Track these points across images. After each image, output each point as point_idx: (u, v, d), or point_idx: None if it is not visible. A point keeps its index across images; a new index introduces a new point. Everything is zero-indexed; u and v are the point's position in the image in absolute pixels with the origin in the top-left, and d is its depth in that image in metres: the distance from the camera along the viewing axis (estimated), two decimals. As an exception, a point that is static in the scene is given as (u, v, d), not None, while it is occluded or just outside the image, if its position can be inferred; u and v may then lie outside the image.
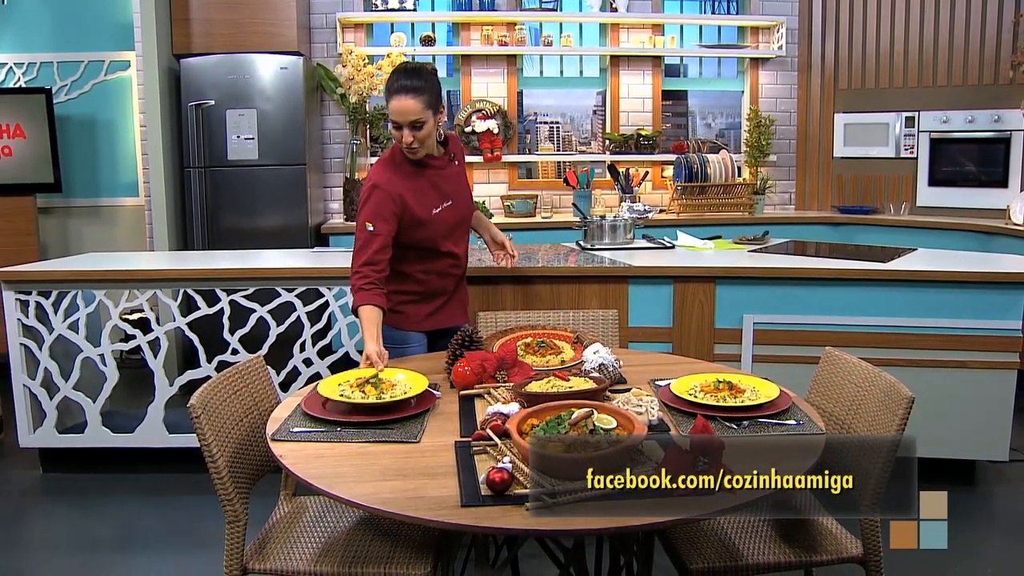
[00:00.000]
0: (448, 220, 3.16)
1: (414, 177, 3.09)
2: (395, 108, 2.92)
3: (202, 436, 2.24)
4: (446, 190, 3.15)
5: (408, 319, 3.21)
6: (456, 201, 3.19)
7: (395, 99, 2.92)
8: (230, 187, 5.75)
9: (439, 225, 3.13)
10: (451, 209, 3.17)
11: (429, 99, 2.93)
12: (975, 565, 3.33)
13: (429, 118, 2.96)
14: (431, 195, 3.10)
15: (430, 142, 3.04)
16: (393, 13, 6.41)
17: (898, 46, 6.42)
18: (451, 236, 3.20)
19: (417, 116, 2.92)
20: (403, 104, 2.90)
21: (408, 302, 3.20)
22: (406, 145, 2.99)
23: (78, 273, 4.18)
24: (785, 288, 4.00)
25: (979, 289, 3.87)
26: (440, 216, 3.13)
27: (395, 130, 2.98)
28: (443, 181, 3.16)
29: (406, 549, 2.30)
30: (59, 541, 3.70)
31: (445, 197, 3.14)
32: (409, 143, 2.97)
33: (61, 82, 6.46)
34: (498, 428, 2.10)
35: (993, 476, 4.17)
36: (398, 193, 3.02)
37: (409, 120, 2.92)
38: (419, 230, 3.09)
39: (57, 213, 6.60)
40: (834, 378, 2.67)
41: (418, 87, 2.91)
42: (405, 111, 2.91)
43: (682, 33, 6.80)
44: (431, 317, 3.26)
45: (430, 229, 3.11)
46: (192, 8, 5.73)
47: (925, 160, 6.38)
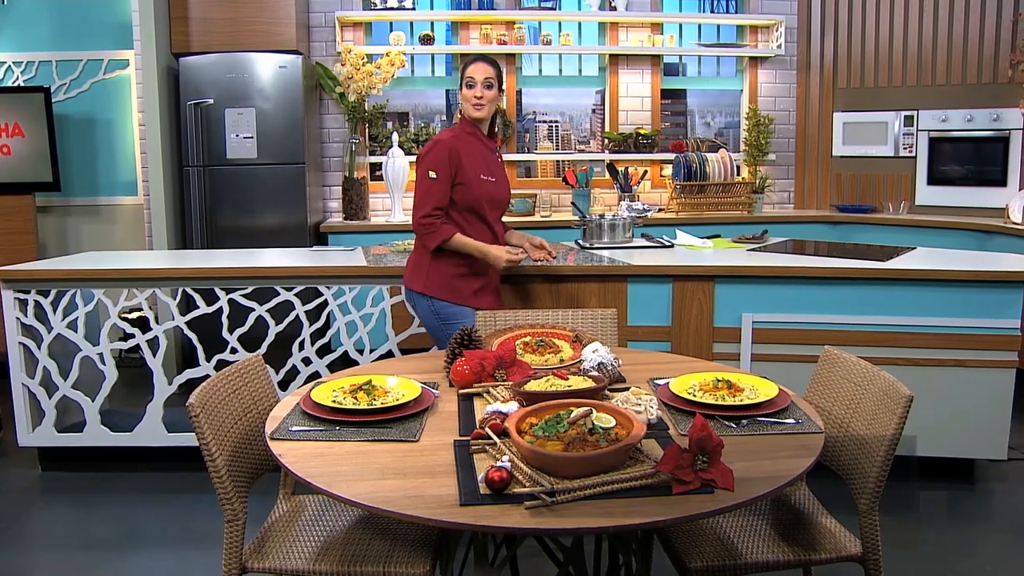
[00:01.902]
0: (490, 192, 3.60)
1: (469, 144, 3.56)
2: (475, 68, 3.51)
3: (201, 435, 2.24)
4: (492, 168, 3.64)
5: (460, 293, 3.58)
6: (498, 181, 3.68)
7: (475, 64, 3.52)
8: (229, 186, 5.75)
9: (484, 190, 3.57)
10: (494, 185, 3.63)
11: (497, 73, 3.55)
12: (974, 563, 3.33)
13: (495, 86, 3.54)
14: (480, 163, 3.57)
15: (490, 109, 3.58)
16: (392, 12, 6.41)
17: (897, 45, 6.43)
18: (493, 209, 3.65)
19: (490, 76, 3.51)
20: (483, 66, 3.52)
21: (460, 276, 3.59)
22: (476, 98, 3.51)
23: (77, 272, 4.17)
24: (784, 287, 4.01)
25: (978, 288, 3.88)
26: (485, 184, 3.57)
27: (467, 88, 3.52)
28: (490, 160, 3.65)
29: (405, 548, 2.30)
30: (58, 540, 3.70)
31: (491, 172, 3.62)
32: (479, 96, 3.51)
33: (60, 81, 6.47)
34: (497, 427, 2.09)
35: (992, 474, 4.17)
36: (456, 148, 3.50)
37: (484, 77, 3.50)
38: (467, 189, 3.52)
39: (56, 212, 6.61)
40: (833, 377, 2.67)
41: (493, 62, 3.57)
42: (484, 71, 3.51)
43: (681, 32, 6.81)
44: (476, 295, 3.62)
45: (476, 191, 3.54)
46: (191, 7, 5.73)
47: (924, 159, 6.39)
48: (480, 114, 3.55)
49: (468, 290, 3.59)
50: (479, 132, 3.62)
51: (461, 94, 3.55)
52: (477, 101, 3.52)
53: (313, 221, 5.99)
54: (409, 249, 4.58)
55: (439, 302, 3.57)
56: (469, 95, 3.52)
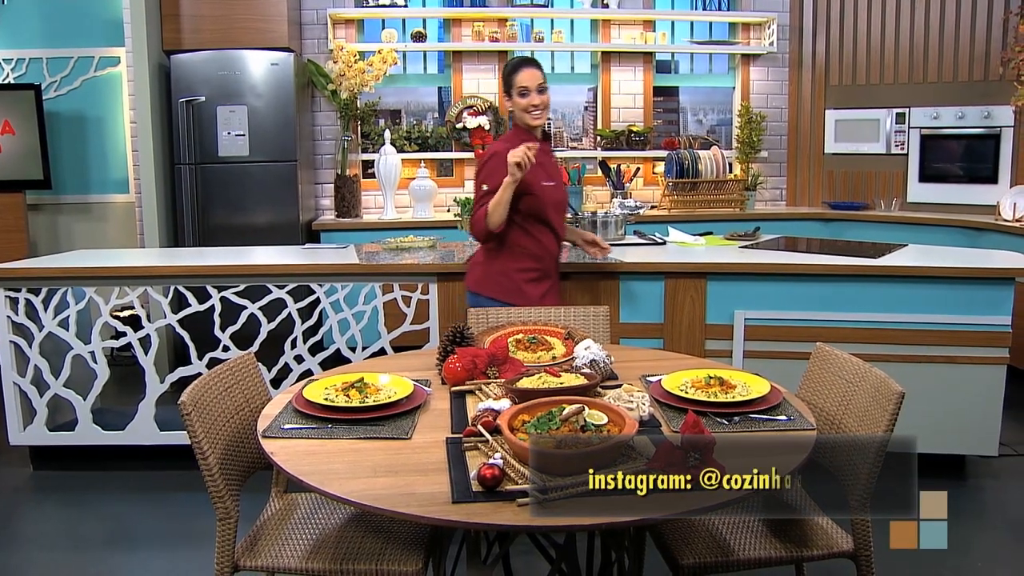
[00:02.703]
0: (555, 196, 3.57)
1: None
2: (525, 76, 3.40)
3: (193, 433, 2.23)
4: (551, 172, 3.57)
5: (527, 297, 3.52)
6: (557, 184, 3.61)
7: (523, 70, 3.42)
8: (221, 183, 5.74)
9: (548, 197, 3.50)
10: (554, 188, 3.56)
11: (543, 75, 3.45)
12: (966, 560, 3.34)
13: (546, 89, 3.44)
14: (538, 170, 3.42)
15: (547, 114, 3.50)
16: (384, 9, 6.40)
17: (889, 42, 6.44)
18: (557, 213, 3.60)
19: (542, 81, 3.42)
20: (532, 72, 3.41)
21: (529, 280, 3.54)
22: (533, 107, 3.41)
23: (68, 270, 4.16)
24: (776, 284, 4.01)
25: (969, 285, 3.89)
26: (546, 190, 3.50)
27: (521, 98, 3.41)
28: (549, 164, 3.57)
29: (397, 545, 2.30)
30: (50, 538, 3.69)
31: (550, 177, 3.54)
32: (537, 104, 3.41)
33: (51, 78, 6.44)
34: (489, 424, 2.09)
35: (983, 471, 4.18)
36: None
37: (538, 84, 3.40)
38: (529, 198, 3.42)
39: (47, 210, 6.58)
40: (825, 374, 2.67)
41: (538, 64, 3.48)
42: (534, 76, 3.40)
43: (673, 29, 6.81)
44: (543, 297, 3.57)
45: (539, 199, 3.46)
46: (182, 4, 5.71)
47: (916, 156, 6.41)
48: (539, 122, 3.44)
49: (536, 294, 3.52)
50: (533, 138, 3.44)
51: (513, 102, 3.43)
52: (535, 109, 3.40)
53: (305, 219, 5.98)
54: (402, 246, 4.60)
55: (483, 298, 3.52)
56: (524, 103, 3.39)
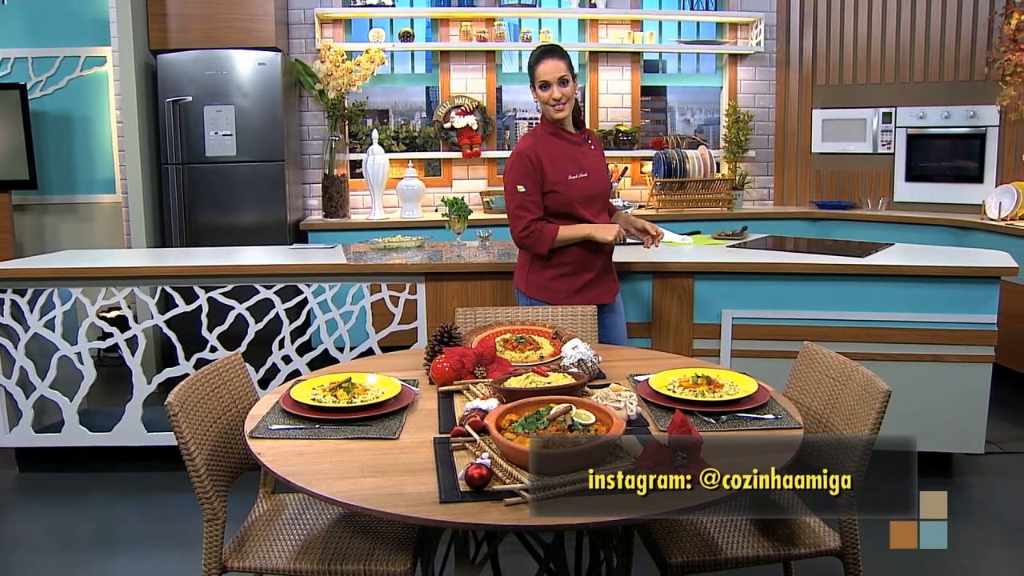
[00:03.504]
0: (583, 189, 3.44)
1: (552, 146, 3.43)
2: (545, 68, 3.34)
3: (180, 434, 2.23)
4: (582, 163, 3.46)
5: (557, 293, 3.49)
6: (592, 175, 3.48)
7: (544, 62, 3.35)
8: (208, 184, 5.72)
9: (575, 191, 3.41)
10: (587, 180, 3.45)
11: (569, 64, 3.37)
12: (951, 556, 3.35)
13: (571, 79, 3.36)
14: (567, 164, 3.42)
15: (571, 106, 3.42)
16: (372, 9, 6.39)
17: (875, 42, 6.47)
18: (589, 206, 3.48)
19: (563, 73, 3.33)
20: (552, 64, 3.33)
21: (557, 276, 3.49)
22: (554, 100, 3.35)
23: (54, 271, 4.14)
24: (764, 283, 4.02)
25: (955, 284, 3.91)
26: (576, 184, 3.42)
27: (542, 91, 3.36)
28: (579, 155, 3.47)
29: (386, 546, 2.30)
30: (37, 541, 3.67)
31: (581, 169, 3.44)
32: (558, 98, 3.35)
33: (36, 78, 6.40)
34: (477, 424, 2.09)
35: (969, 468, 4.20)
36: (536, 156, 3.38)
37: (558, 76, 3.33)
38: (555, 195, 3.40)
39: (33, 210, 6.54)
40: (812, 372, 2.68)
41: (561, 53, 3.39)
42: (555, 68, 3.33)
43: (661, 29, 6.82)
44: (580, 292, 3.50)
45: (565, 194, 3.40)
46: (168, 3, 5.69)
47: (902, 156, 6.44)
48: (561, 115, 3.39)
49: (567, 290, 3.48)
50: (562, 130, 3.45)
51: (535, 95, 3.40)
52: (556, 103, 3.36)
53: (293, 219, 5.97)
54: (389, 246, 4.59)
55: (535, 301, 3.51)
56: (545, 97, 3.36)
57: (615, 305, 3.66)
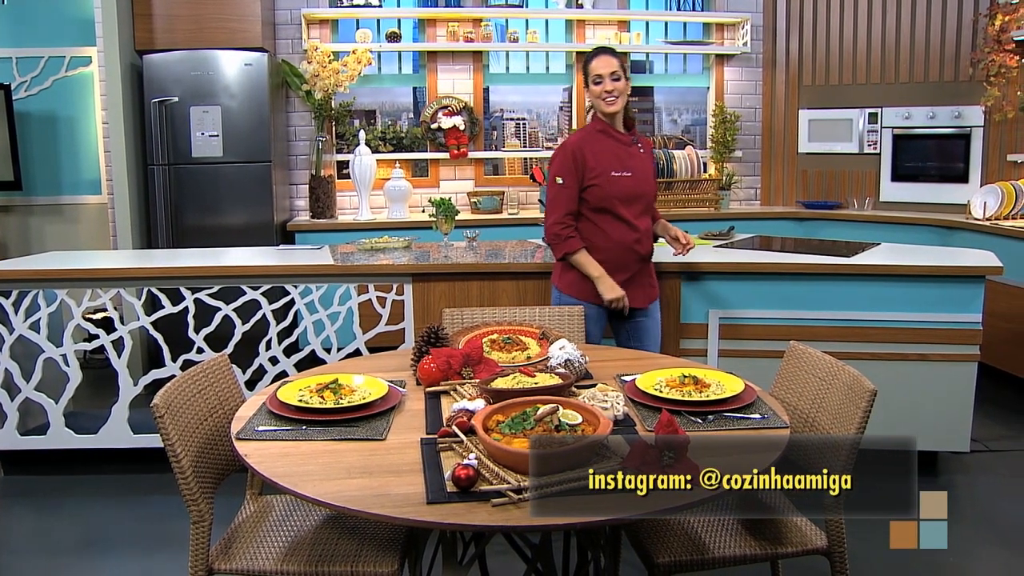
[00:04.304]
0: (624, 188, 3.49)
1: (598, 143, 3.51)
2: (598, 63, 3.44)
3: (166, 436, 2.22)
4: (627, 163, 3.52)
5: (587, 290, 3.52)
6: (636, 175, 3.53)
7: (598, 58, 3.45)
8: (195, 184, 5.70)
9: (615, 188, 3.47)
10: (630, 179, 3.51)
11: (622, 63, 3.47)
12: (937, 554, 3.36)
13: (623, 76, 3.45)
14: (611, 160, 3.48)
15: (623, 101, 3.48)
16: (358, 9, 6.38)
17: (861, 43, 6.50)
18: (629, 206, 3.52)
19: (615, 69, 3.43)
20: (605, 59, 3.44)
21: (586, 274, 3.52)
22: (606, 93, 3.44)
23: (39, 272, 4.12)
24: (750, 283, 4.03)
25: (940, 283, 3.92)
26: (617, 181, 3.48)
27: (595, 85, 3.45)
28: (625, 155, 3.53)
29: (373, 547, 2.29)
30: (22, 544, 3.65)
31: (625, 167, 3.50)
32: (609, 90, 3.43)
33: (21, 78, 6.36)
34: (464, 425, 2.09)
35: (955, 467, 4.22)
36: (580, 150, 3.47)
37: (610, 71, 3.42)
38: (596, 188, 3.47)
39: (18, 211, 6.51)
40: (798, 372, 2.69)
41: (615, 52, 3.49)
42: (608, 64, 3.43)
43: (648, 29, 6.83)
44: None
45: (605, 189, 3.46)
46: (154, 3, 5.67)
47: (888, 156, 6.47)
48: (614, 108, 3.45)
49: (594, 287, 3.51)
50: (611, 128, 3.52)
51: (589, 91, 3.49)
52: (608, 95, 3.44)
53: (280, 220, 5.95)
54: (376, 247, 4.59)
55: (567, 297, 3.57)
56: (598, 91, 3.45)
57: (650, 310, 3.68)
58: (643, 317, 3.64)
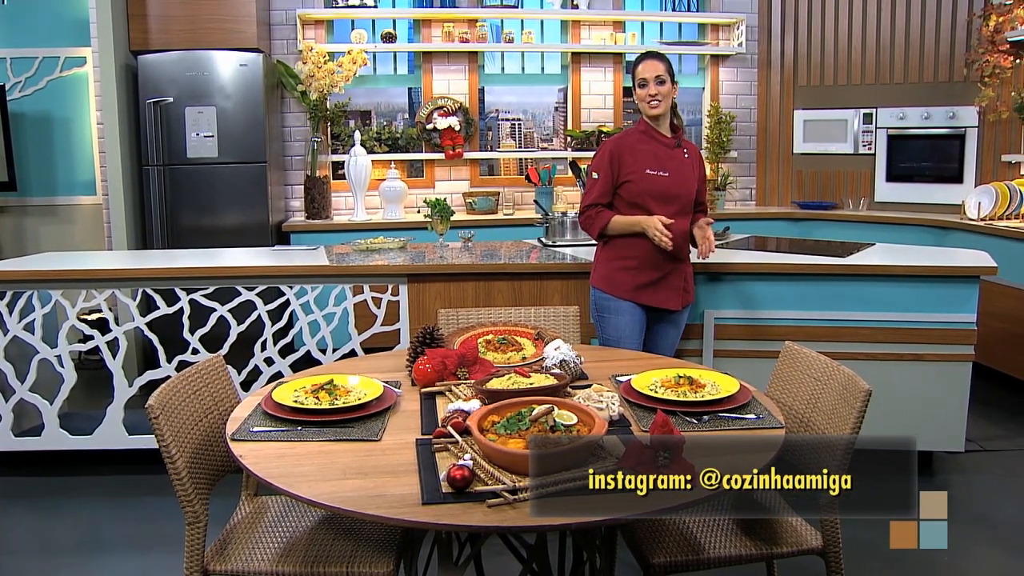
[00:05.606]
0: (659, 186, 3.53)
1: (639, 144, 3.57)
2: (644, 67, 3.50)
3: (161, 437, 2.22)
4: (667, 164, 3.56)
5: (619, 286, 3.58)
6: (674, 177, 3.56)
7: (644, 62, 3.51)
8: (190, 185, 5.70)
9: (649, 185, 3.52)
10: (666, 179, 3.54)
11: (668, 68, 3.52)
12: (932, 554, 3.37)
13: (668, 80, 3.50)
14: (650, 159, 3.54)
15: (667, 105, 3.53)
16: (354, 10, 6.38)
17: (856, 44, 6.51)
18: (663, 205, 3.53)
19: (661, 73, 3.48)
20: (652, 64, 3.49)
21: (622, 268, 3.59)
22: (650, 96, 3.49)
23: (34, 273, 4.11)
24: (746, 283, 4.04)
25: (935, 283, 3.93)
26: (653, 179, 3.52)
27: (640, 88, 3.51)
28: (667, 157, 3.57)
29: (368, 548, 2.29)
30: (18, 545, 3.65)
31: (663, 168, 3.55)
32: (653, 94, 3.48)
33: (15, 79, 6.35)
34: (459, 425, 2.09)
35: (950, 467, 4.23)
36: (618, 149, 3.55)
37: (655, 75, 3.47)
38: (630, 184, 3.53)
39: (12, 212, 6.50)
40: (793, 372, 2.70)
41: (661, 56, 3.55)
42: (653, 68, 3.48)
43: (643, 30, 6.84)
44: (642, 290, 3.58)
45: (639, 185, 3.52)
46: (149, 4, 5.66)
47: (883, 156, 6.48)
48: (657, 111, 3.51)
49: (629, 284, 3.56)
50: (654, 130, 3.57)
51: (636, 94, 3.55)
52: (652, 99, 3.49)
53: (275, 220, 5.95)
54: (372, 248, 4.59)
55: (599, 292, 3.63)
56: (643, 94, 3.51)
57: (677, 317, 3.69)
58: (667, 322, 3.69)
